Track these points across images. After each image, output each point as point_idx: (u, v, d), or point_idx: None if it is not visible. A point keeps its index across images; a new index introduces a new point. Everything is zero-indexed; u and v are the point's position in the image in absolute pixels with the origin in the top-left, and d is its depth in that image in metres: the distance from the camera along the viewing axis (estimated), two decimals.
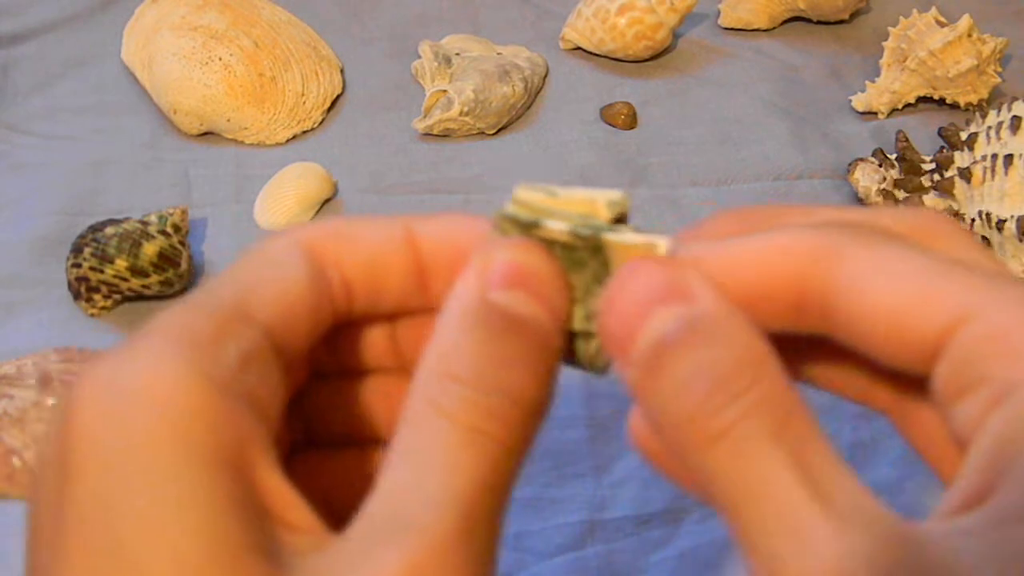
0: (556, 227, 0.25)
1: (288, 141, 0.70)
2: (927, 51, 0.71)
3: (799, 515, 0.21)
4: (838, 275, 0.23)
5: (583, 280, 0.25)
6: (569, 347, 0.26)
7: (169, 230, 0.58)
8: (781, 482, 0.21)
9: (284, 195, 0.64)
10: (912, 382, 0.24)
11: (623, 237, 0.24)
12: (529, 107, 0.73)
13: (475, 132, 0.71)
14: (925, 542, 0.20)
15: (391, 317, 0.28)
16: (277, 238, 0.26)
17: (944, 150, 0.63)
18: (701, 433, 0.21)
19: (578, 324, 0.25)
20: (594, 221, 0.25)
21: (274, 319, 0.24)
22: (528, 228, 0.25)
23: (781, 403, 0.21)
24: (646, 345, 0.22)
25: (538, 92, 0.74)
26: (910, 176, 0.64)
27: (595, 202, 0.25)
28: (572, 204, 0.25)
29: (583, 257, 0.25)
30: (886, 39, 0.74)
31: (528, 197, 0.26)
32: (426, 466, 0.22)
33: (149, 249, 0.57)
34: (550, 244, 0.25)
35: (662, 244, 0.24)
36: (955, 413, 0.22)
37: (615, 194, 0.25)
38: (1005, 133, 0.59)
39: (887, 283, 0.22)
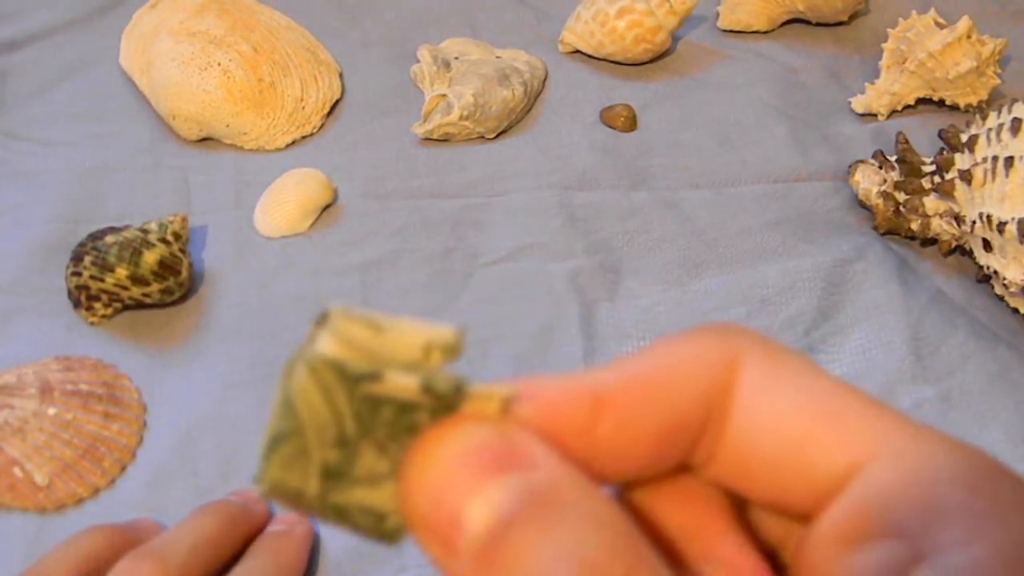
0: (403, 382, 0.19)
1: (287, 146, 0.70)
2: (926, 53, 0.71)
3: None
4: (734, 396, 0.20)
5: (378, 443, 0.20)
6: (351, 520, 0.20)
7: (169, 238, 0.58)
8: None
9: (284, 201, 0.64)
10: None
11: (475, 391, 0.20)
12: (529, 111, 0.73)
13: (475, 136, 0.70)
14: None
15: None
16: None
17: (944, 152, 0.63)
18: None
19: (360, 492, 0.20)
20: (432, 374, 0.20)
21: None
22: (358, 381, 0.19)
23: None
24: (480, 529, 0.17)
25: (537, 95, 0.74)
26: (910, 178, 0.64)
27: (429, 347, 0.20)
28: (401, 346, 0.20)
29: (412, 419, 0.19)
30: (885, 41, 0.74)
31: (350, 330, 0.20)
32: None
33: (150, 257, 0.57)
34: (374, 404, 0.19)
35: (505, 394, 0.20)
36: (846, 560, 0.19)
37: (449, 335, 0.20)
38: (1006, 135, 0.58)
39: (784, 413, 0.20)
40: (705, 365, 0.20)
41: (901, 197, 0.64)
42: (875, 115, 0.73)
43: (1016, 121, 0.58)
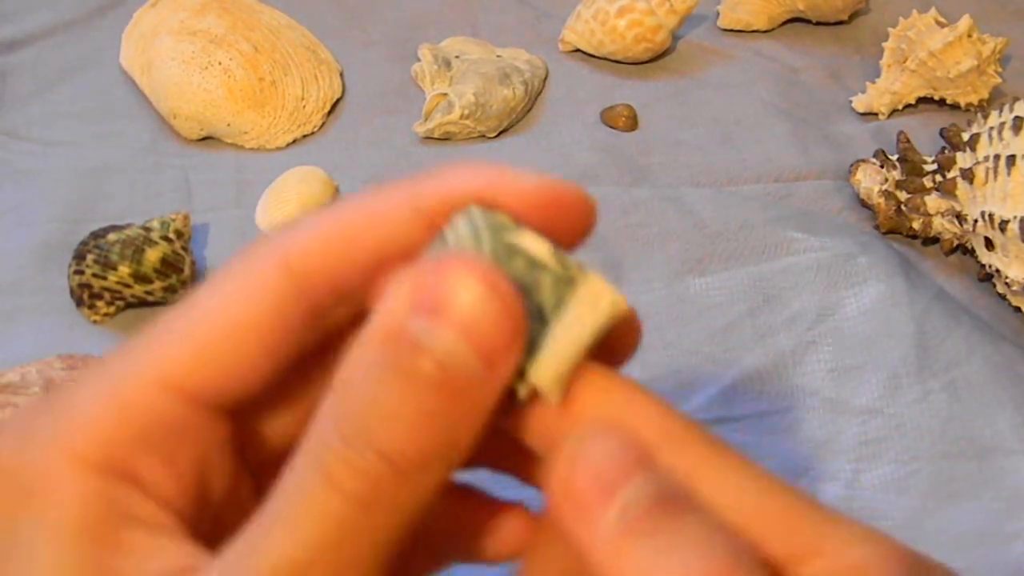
0: (537, 241, 0.22)
1: (288, 145, 0.70)
2: (927, 52, 0.71)
3: None
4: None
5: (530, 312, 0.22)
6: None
7: (171, 236, 0.58)
8: None
9: (286, 199, 0.64)
10: None
11: (594, 277, 0.22)
12: (529, 110, 0.73)
13: (476, 135, 0.70)
14: None
15: None
16: (255, 253, 0.23)
17: (946, 151, 0.63)
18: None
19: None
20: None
21: (198, 370, 0.22)
22: (502, 229, 0.22)
23: None
24: (630, 499, 0.21)
25: (538, 95, 0.74)
26: (912, 177, 0.64)
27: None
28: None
29: (537, 277, 0.22)
30: (885, 40, 0.74)
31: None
32: (274, 518, 0.20)
33: (152, 255, 0.57)
34: (510, 251, 0.22)
35: (622, 299, 0.22)
36: None
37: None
38: (1007, 134, 0.58)
39: (738, 503, 0.22)
40: None
41: (903, 196, 0.64)
42: (876, 114, 0.73)
43: (1017, 120, 0.58)
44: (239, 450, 0.25)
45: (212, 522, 0.24)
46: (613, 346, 0.23)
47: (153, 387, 0.22)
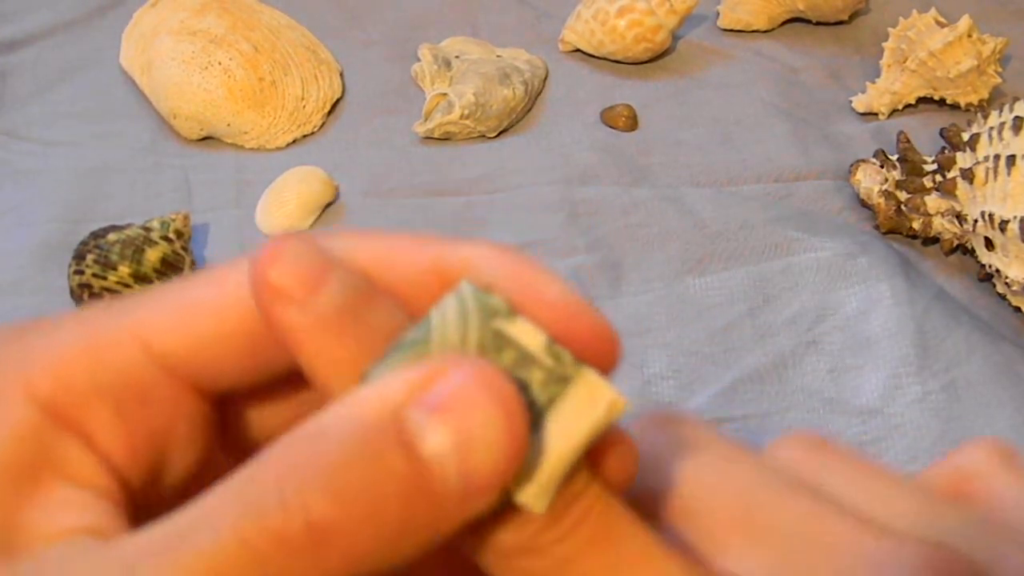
0: (533, 332, 0.20)
1: (288, 145, 0.70)
2: (927, 52, 0.71)
3: None
4: None
5: None
6: None
7: (171, 236, 0.58)
8: None
9: (286, 200, 0.64)
10: None
11: (593, 375, 0.20)
12: (529, 110, 0.73)
13: (476, 135, 0.70)
14: None
15: None
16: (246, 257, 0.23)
17: (946, 151, 0.63)
18: None
19: None
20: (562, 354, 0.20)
21: (182, 345, 0.22)
22: (494, 314, 0.20)
23: None
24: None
25: (538, 95, 0.74)
26: (912, 177, 0.64)
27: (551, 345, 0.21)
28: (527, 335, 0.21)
29: (528, 375, 0.20)
30: (886, 40, 0.74)
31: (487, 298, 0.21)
32: (188, 531, 0.19)
33: (152, 255, 0.57)
34: (499, 341, 0.20)
35: (621, 402, 0.20)
36: None
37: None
38: (1007, 134, 0.59)
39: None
40: None
41: (903, 196, 0.64)
42: (876, 114, 0.73)
43: (1017, 120, 0.58)
44: (221, 432, 0.24)
45: (175, 499, 0.23)
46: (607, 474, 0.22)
47: (126, 340, 0.22)
